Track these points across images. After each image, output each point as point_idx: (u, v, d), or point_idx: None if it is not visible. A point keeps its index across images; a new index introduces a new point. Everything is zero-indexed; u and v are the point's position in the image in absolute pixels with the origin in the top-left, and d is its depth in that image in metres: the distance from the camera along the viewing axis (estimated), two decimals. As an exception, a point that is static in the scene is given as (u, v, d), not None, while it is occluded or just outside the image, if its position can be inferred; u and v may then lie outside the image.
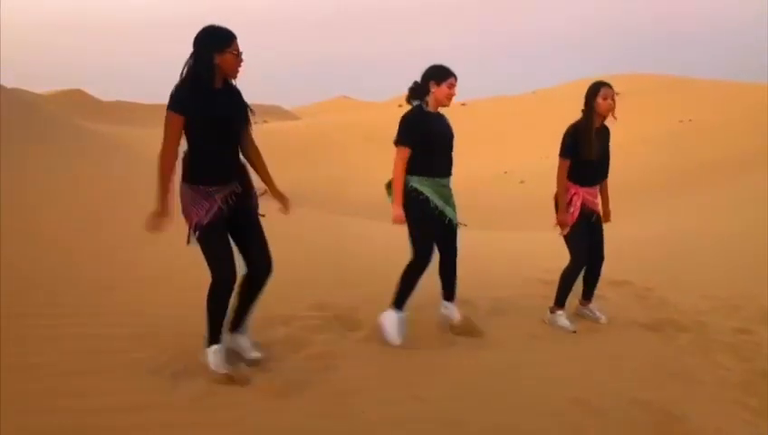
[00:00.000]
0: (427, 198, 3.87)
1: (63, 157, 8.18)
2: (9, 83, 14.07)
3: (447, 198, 3.98)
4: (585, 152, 4.33)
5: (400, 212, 3.83)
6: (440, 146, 3.95)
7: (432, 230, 3.91)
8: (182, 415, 2.88)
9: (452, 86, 3.91)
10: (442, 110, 4.03)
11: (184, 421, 2.83)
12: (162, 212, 3.12)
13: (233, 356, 3.43)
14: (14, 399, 2.85)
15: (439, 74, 3.90)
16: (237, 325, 3.50)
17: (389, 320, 3.89)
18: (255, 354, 3.45)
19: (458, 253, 4.16)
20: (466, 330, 4.16)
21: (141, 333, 3.74)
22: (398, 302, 3.92)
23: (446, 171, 3.98)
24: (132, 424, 2.76)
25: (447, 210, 3.96)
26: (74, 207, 6.16)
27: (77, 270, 4.79)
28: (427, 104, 3.93)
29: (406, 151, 3.85)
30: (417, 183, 3.88)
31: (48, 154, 7.82)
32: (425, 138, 3.86)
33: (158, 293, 4.58)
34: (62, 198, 6.44)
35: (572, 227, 4.39)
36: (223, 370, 3.21)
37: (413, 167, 3.88)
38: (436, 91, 3.89)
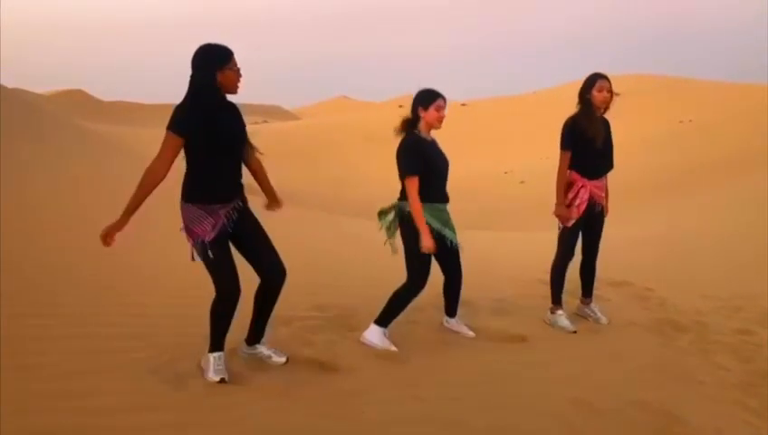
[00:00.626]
0: (427, 224, 3.81)
1: (63, 157, 8.19)
2: (9, 83, 14.06)
3: (446, 221, 3.95)
4: (590, 132, 4.25)
5: (432, 242, 3.74)
6: (437, 174, 3.90)
7: (430, 258, 3.87)
8: (182, 415, 2.87)
9: (440, 108, 3.85)
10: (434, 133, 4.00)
11: (184, 421, 2.82)
12: (120, 227, 3.07)
13: (255, 362, 3.45)
14: (14, 399, 2.85)
15: (425, 99, 3.85)
16: (258, 339, 3.51)
17: (376, 335, 3.88)
18: (280, 359, 3.48)
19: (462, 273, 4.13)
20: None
21: (141, 333, 3.74)
22: (385, 321, 3.91)
23: (444, 198, 3.94)
24: (132, 424, 2.76)
25: (447, 232, 3.92)
26: (74, 207, 6.17)
27: (77, 270, 4.80)
28: (419, 131, 3.88)
29: (417, 180, 3.77)
30: None
31: (48, 154, 7.83)
32: (424, 162, 3.82)
33: (158, 293, 4.58)
34: (62, 198, 6.45)
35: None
36: (220, 375, 3.19)
37: None
38: (426, 116, 3.84)
